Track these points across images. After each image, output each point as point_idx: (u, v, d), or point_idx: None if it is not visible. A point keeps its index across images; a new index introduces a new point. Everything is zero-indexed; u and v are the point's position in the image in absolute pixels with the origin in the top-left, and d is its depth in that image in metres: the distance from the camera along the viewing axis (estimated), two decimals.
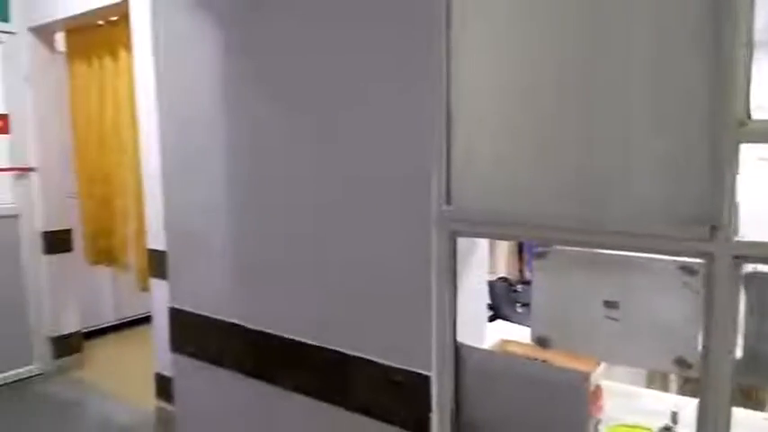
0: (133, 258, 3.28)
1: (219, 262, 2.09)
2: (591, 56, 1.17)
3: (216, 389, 2.16)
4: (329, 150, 1.71)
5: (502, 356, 1.70)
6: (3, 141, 3.38)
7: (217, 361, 2.10)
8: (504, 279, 3.01)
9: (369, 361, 1.67)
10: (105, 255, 3.48)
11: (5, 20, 3.35)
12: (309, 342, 1.80)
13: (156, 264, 2.76)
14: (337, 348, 1.72)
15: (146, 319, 4.38)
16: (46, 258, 3.54)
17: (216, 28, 2.01)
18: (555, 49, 1.23)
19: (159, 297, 2.81)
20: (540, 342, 1.42)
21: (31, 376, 3.54)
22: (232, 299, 2.02)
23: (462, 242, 1.50)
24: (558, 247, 1.35)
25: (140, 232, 3.07)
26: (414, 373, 1.54)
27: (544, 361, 1.57)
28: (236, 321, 1.99)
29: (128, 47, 2.97)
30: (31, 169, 3.47)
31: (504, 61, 1.33)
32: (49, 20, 3.23)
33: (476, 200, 1.40)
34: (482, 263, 1.76)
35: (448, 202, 1.43)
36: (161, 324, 2.81)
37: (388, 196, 1.60)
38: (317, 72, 1.70)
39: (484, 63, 1.36)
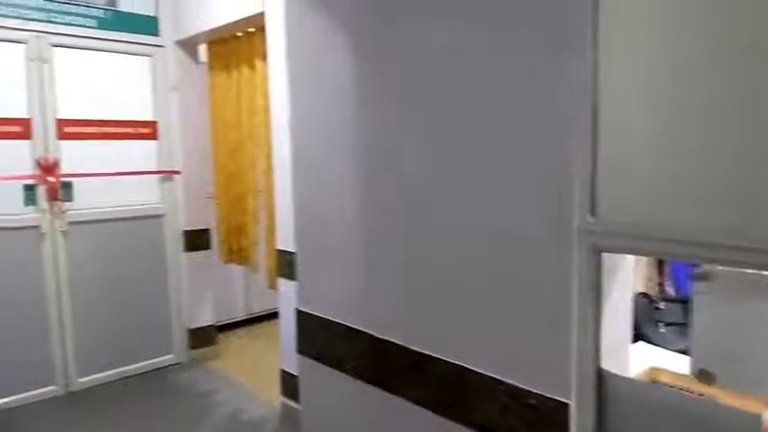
0: (263, 258, 3.44)
1: (347, 267, 2.09)
2: (758, 53, 0.99)
3: (339, 394, 2.17)
4: (463, 153, 1.63)
5: (656, 389, 1.51)
6: (151, 146, 3.70)
7: (341, 366, 2.11)
8: (644, 295, 2.75)
9: (498, 380, 1.57)
10: (237, 254, 3.69)
11: (155, 34, 3.66)
12: (434, 355, 1.74)
13: (285, 265, 2.86)
14: (465, 364, 1.64)
15: (272, 316, 4.60)
16: (186, 255, 3.83)
17: (347, 35, 2.02)
18: (714, 50, 1.06)
19: (286, 297, 2.90)
20: (703, 377, 1.23)
21: (169, 365, 3.83)
22: (358, 305, 2.02)
23: (607, 257, 1.35)
24: (726, 268, 1.16)
25: (271, 233, 3.21)
26: (550, 398, 1.41)
27: (700, 395, 1.37)
28: (361, 328, 1.99)
29: (263, 56, 3.11)
30: (175, 172, 3.77)
31: (658, 63, 1.17)
32: (194, 33, 3.48)
33: (627, 212, 1.24)
34: (628, 280, 1.59)
35: (592, 213, 1.29)
36: (287, 323, 2.90)
37: (524, 202, 1.49)
38: (451, 74, 1.64)
39: (635, 65, 1.21)
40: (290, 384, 2.92)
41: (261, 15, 2.88)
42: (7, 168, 3.12)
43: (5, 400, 3.17)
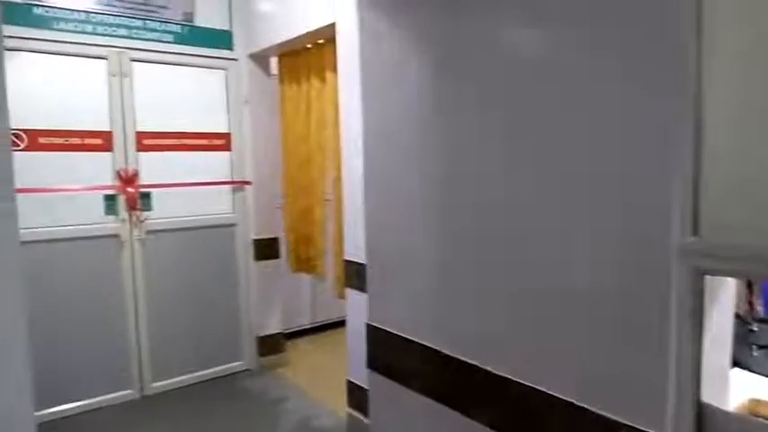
0: (331, 267, 3.45)
1: (420, 283, 2.04)
2: None
3: (408, 410, 2.12)
4: (549, 167, 1.55)
5: (763, 427, 1.37)
6: (225, 157, 3.79)
7: (411, 383, 2.07)
8: (736, 316, 2.54)
9: (584, 408, 1.47)
10: (305, 264, 3.71)
11: (229, 48, 3.76)
12: (513, 378, 1.65)
13: (352, 275, 2.84)
14: (547, 389, 1.55)
15: (337, 324, 4.62)
16: (255, 264, 3.89)
17: (424, 45, 1.97)
18: None
19: (354, 307, 2.88)
20: None
21: (239, 371, 3.90)
22: (432, 322, 1.97)
23: (709, 279, 1.24)
24: None
25: (339, 243, 3.21)
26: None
27: None
28: (434, 346, 1.93)
29: (334, 68, 3.12)
30: (246, 182, 3.85)
31: None
32: (266, 46, 3.55)
33: (734, 232, 1.13)
34: (730, 304, 1.45)
35: (694, 232, 1.18)
36: (354, 333, 2.88)
37: (616, 219, 1.39)
38: (542, 86, 1.56)
39: (746, 73, 1.10)
40: (356, 396, 2.90)
41: (331, 27, 2.89)
42: (90, 179, 3.28)
43: (85, 402, 3.31)
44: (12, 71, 3.02)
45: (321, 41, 3.31)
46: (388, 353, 2.19)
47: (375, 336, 2.25)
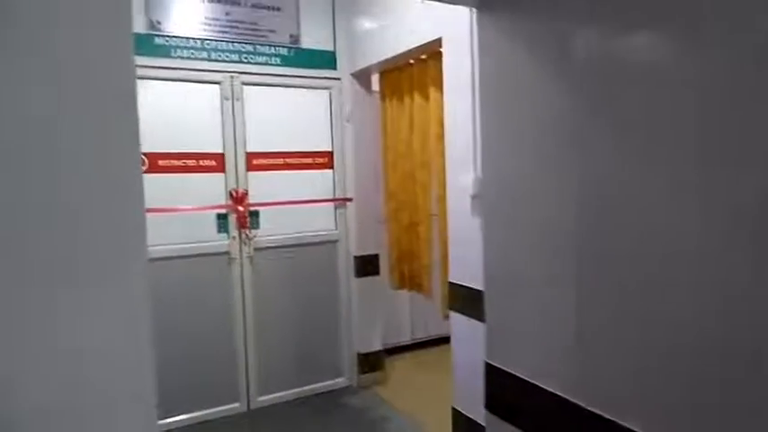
0: (437, 285, 3.37)
1: (548, 320, 1.88)
2: None
3: None
4: (704, 188, 1.37)
5: None
6: (328, 175, 3.84)
7: None
8: None
9: None
10: (409, 281, 3.66)
11: (333, 67, 3.81)
12: None
13: (458, 298, 2.73)
14: None
15: (437, 342, 4.52)
16: (356, 281, 3.89)
17: (557, 57, 1.85)
18: None
19: (459, 333, 2.77)
20: None
21: (340, 388, 3.90)
22: (562, 368, 1.79)
23: None
24: None
25: (444, 261, 3.12)
26: None
27: None
28: (561, 394, 1.76)
29: (437, 83, 3.06)
30: (348, 199, 3.87)
31: None
32: (368, 64, 3.55)
33: None
34: None
35: None
36: (461, 362, 2.77)
37: None
38: (697, 105, 1.39)
39: None
40: (461, 425, 2.78)
41: (437, 41, 2.82)
42: (204, 199, 3.42)
43: (195, 414, 3.44)
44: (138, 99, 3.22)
45: (424, 57, 3.26)
46: (511, 396, 2.03)
47: (495, 376, 2.10)
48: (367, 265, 3.91)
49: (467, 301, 2.64)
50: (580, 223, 1.73)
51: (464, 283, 2.66)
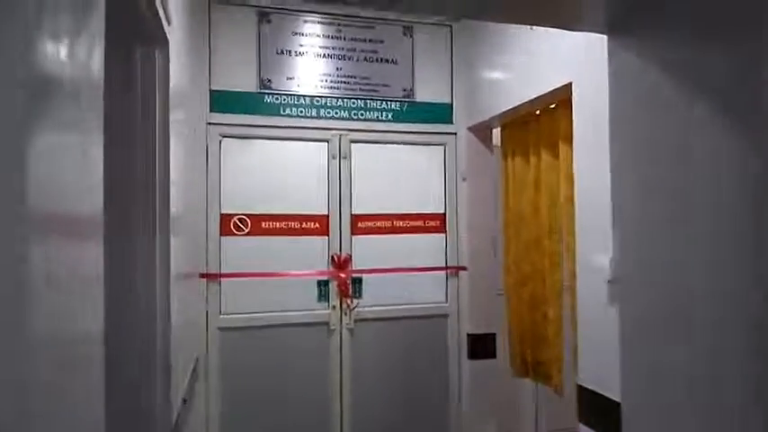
0: (569, 381, 2.76)
1: None
2: None
3: None
4: None
5: None
6: (439, 240, 3.44)
7: None
8: None
9: None
10: (533, 369, 3.07)
11: (449, 122, 3.47)
12: None
13: (589, 408, 2.14)
14: None
15: None
16: (469, 363, 3.37)
17: (722, 106, 1.34)
18: None
19: None
20: None
21: None
22: None
23: None
24: None
25: (575, 355, 2.54)
26: None
27: None
28: None
29: (567, 136, 2.58)
30: (462, 268, 3.42)
31: None
32: (488, 117, 3.16)
33: None
34: None
35: None
36: None
37: None
38: None
39: None
40: None
41: (566, 87, 2.36)
42: (305, 264, 3.19)
43: None
44: (242, 157, 3.12)
45: (553, 106, 2.80)
46: None
47: None
48: (482, 346, 3.38)
49: (599, 412, 2.04)
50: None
51: (596, 389, 2.07)
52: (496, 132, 3.44)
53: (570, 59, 2.29)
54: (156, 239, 1.74)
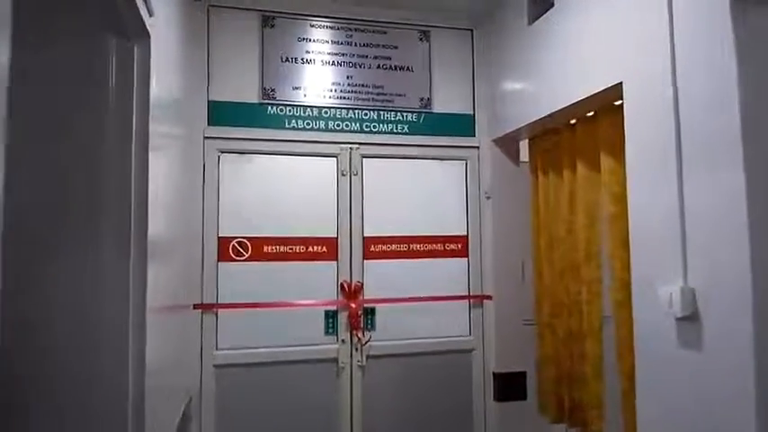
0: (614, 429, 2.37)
1: None
2: None
3: None
4: None
5: None
6: (461, 265, 3.08)
7: None
8: None
9: None
10: (569, 413, 2.68)
11: (471, 134, 3.15)
12: None
13: None
14: None
15: None
16: (496, 406, 2.97)
17: None
18: None
19: None
20: None
21: None
22: None
23: None
24: None
25: (628, 399, 2.16)
26: None
27: None
28: None
29: (611, 146, 2.25)
30: (487, 297, 3.06)
31: None
32: (516, 126, 2.82)
33: None
34: None
35: None
36: None
37: None
38: None
39: None
40: None
41: (614, 89, 2.03)
42: (310, 293, 2.85)
43: None
44: (243, 175, 2.82)
45: (591, 114, 2.47)
46: None
47: None
48: (510, 386, 2.97)
49: None
50: None
51: None
52: (523, 145, 3.11)
53: (621, 55, 1.97)
54: (131, 266, 1.43)
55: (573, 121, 2.63)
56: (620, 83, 1.96)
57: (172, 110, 1.99)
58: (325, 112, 2.96)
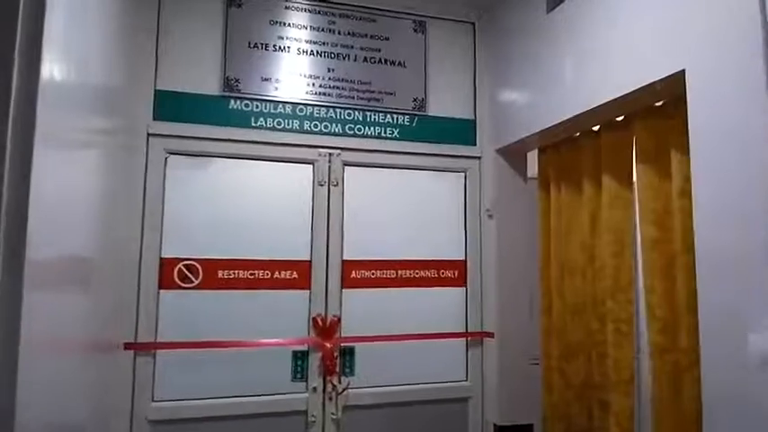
0: None
1: None
2: None
3: None
4: None
5: None
6: (458, 296, 2.61)
7: None
8: None
9: None
10: None
11: (471, 143, 2.70)
12: None
13: None
14: None
15: None
16: None
17: None
18: None
19: None
20: None
21: None
22: None
23: None
24: None
25: None
26: None
27: None
28: None
29: (646, 156, 1.83)
30: (488, 334, 2.58)
31: None
32: (526, 134, 2.38)
33: None
34: None
35: None
36: None
37: None
38: None
39: None
40: None
41: (672, 80, 1.59)
42: (276, 329, 2.33)
43: None
44: (195, 182, 2.30)
45: (621, 118, 2.05)
46: None
47: None
48: None
49: None
50: None
51: None
52: (532, 156, 2.67)
53: (682, 38, 1.54)
54: None
55: (597, 128, 2.21)
56: (683, 70, 1.53)
57: (92, 97, 1.52)
58: (301, 110, 2.48)
